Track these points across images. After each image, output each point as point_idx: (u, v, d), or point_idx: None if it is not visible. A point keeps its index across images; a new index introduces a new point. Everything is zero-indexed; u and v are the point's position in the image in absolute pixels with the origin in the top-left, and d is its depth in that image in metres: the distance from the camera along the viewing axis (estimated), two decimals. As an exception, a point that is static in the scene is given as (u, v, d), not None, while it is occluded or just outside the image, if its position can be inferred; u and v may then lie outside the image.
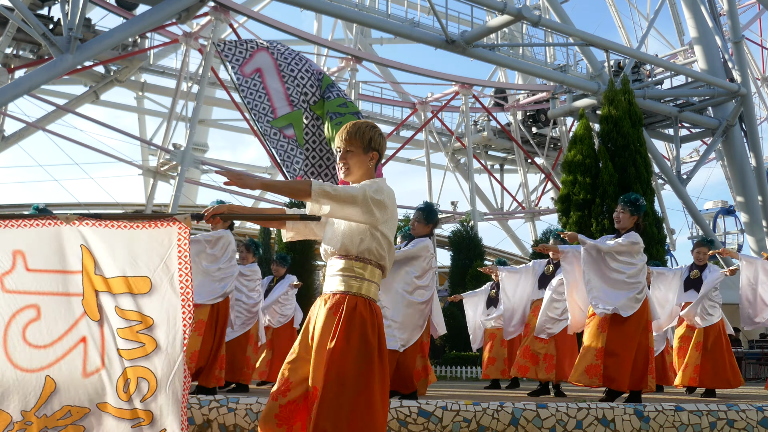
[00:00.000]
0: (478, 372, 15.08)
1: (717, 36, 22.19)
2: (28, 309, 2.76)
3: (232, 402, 4.00)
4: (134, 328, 2.76)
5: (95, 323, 2.77)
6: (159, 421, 2.75)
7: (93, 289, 2.77)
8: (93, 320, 2.77)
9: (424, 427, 3.91)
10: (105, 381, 2.76)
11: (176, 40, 19.17)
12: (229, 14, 17.68)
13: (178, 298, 2.77)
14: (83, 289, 2.77)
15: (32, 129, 19.32)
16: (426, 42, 17.56)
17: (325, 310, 2.71)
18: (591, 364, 5.72)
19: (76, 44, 13.48)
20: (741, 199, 22.17)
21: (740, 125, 22.41)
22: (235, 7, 17.39)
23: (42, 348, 2.76)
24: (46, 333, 2.76)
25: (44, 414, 2.73)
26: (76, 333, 2.77)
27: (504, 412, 3.95)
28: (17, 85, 13.96)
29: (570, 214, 15.53)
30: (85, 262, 2.76)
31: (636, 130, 15.78)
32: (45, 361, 2.75)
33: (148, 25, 14.98)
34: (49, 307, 2.76)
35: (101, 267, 2.77)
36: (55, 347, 2.76)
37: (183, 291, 2.78)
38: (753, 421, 4.01)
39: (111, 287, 2.77)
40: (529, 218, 27.66)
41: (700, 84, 21.94)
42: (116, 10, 16.79)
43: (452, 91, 24.70)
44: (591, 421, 3.95)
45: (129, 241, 2.77)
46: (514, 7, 17.12)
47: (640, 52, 21.55)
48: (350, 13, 17.30)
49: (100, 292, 2.77)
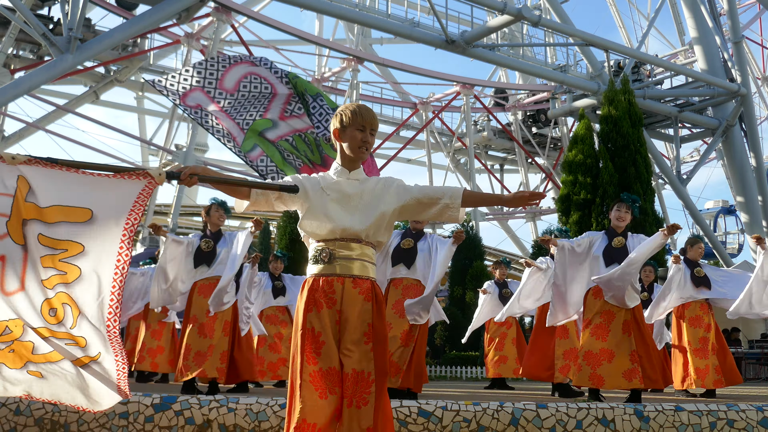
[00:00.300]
0: (479, 372, 15.09)
1: (717, 36, 22.19)
2: None
3: (232, 402, 4.00)
4: (58, 257, 2.72)
5: (18, 246, 2.72)
6: (92, 347, 2.76)
7: (20, 216, 2.71)
8: (16, 243, 2.72)
9: (424, 427, 3.91)
10: (27, 303, 2.75)
11: (178, 41, 19.19)
12: (231, 15, 17.70)
13: (117, 238, 2.72)
14: (11, 211, 2.70)
15: (32, 129, 19.32)
16: (426, 42, 17.57)
17: (356, 294, 2.71)
18: (629, 368, 5.75)
19: (76, 44, 13.49)
20: (741, 199, 22.17)
21: (740, 125, 22.41)
22: (235, 7, 17.40)
23: None
24: None
25: None
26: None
27: (504, 412, 3.95)
28: (17, 85, 13.97)
29: (570, 214, 15.54)
30: (19, 186, 2.69)
31: (636, 130, 15.78)
32: None
33: (148, 25, 14.99)
34: None
35: (37, 196, 2.71)
36: None
37: (124, 237, 2.71)
38: (753, 421, 4.01)
39: (44, 216, 2.71)
40: (529, 218, 27.68)
41: (700, 84, 21.95)
42: (116, 10, 16.81)
43: (453, 92, 24.73)
44: (591, 421, 3.95)
45: (82, 183, 2.71)
46: (514, 7, 17.13)
47: (640, 52, 21.55)
48: (350, 13, 17.31)
49: (27, 219, 2.71)
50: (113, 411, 3.95)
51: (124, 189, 2.71)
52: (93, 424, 3.94)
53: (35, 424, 3.95)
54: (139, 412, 3.95)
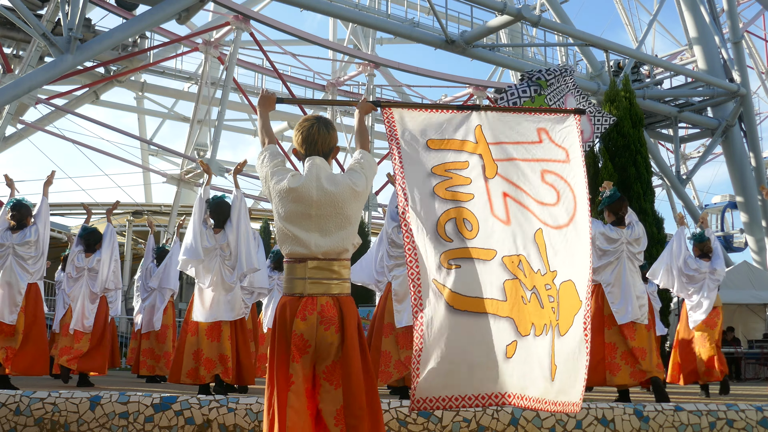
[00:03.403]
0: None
1: (716, 36, 22.19)
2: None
3: (232, 402, 4.00)
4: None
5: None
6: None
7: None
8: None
9: (424, 427, 3.91)
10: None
11: (196, 48, 19.22)
12: (249, 23, 17.72)
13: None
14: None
15: (32, 129, 19.30)
16: (426, 42, 17.55)
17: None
18: (659, 363, 6.14)
19: (76, 44, 13.48)
20: (741, 199, 22.15)
21: (740, 125, 22.40)
22: (238, 8, 17.39)
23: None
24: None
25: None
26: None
27: (504, 412, 3.95)
28: (17, 85, 13.95)
29: (570, 213, 15.52)
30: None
31: (636, 130, 15.75)
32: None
33: (148, 25, 14.97)
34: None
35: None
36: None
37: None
38: (753, 421, 4.01)
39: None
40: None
41: (700, 84, 21.94)
42: (116, 10, 16.77)
43: (466, 93, 24.73)
44: (591, 421, 3.95)
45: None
46: (514, 7, 17.12)
47: (639, 52, 21.54)
48: (350, 13, 17.30)
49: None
50: (113, 411, 3.95)
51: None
52: (93, 424, 3.94)
53: (35, 424, 3.95)
54: (139, 412, 3.95)
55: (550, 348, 2.87)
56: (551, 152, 3.17)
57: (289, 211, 2.78)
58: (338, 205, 2.78)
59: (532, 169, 3.13)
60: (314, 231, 2.77)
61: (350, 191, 2.80)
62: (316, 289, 2.76)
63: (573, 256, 2.98)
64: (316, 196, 2.77)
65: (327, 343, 2.72)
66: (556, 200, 3.08)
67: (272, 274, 8.31)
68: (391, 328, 6.18)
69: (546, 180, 3.12)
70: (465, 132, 3.17)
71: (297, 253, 2.78)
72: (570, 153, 3.15)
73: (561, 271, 2.96)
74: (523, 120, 3.23)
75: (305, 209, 2.77)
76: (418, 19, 18.23)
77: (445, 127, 3.17)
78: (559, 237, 3.02)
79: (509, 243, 3.00)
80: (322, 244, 2.76)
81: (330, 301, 2.75)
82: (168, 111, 24.64)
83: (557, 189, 3.10)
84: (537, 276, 2.96)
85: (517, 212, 3.06)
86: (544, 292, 2.94)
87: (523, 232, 3.03)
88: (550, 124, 3.22)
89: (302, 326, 2.72)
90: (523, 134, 3.20)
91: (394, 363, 6.10)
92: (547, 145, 3.18)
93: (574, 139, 3.19)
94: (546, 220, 3.05)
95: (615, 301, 6.00)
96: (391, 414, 3.93)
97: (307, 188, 2.78)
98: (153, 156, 24.71)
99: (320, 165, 2.84)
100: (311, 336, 2.72)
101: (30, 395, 4.04)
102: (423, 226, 2.96)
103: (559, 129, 3.21)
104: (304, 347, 2.72)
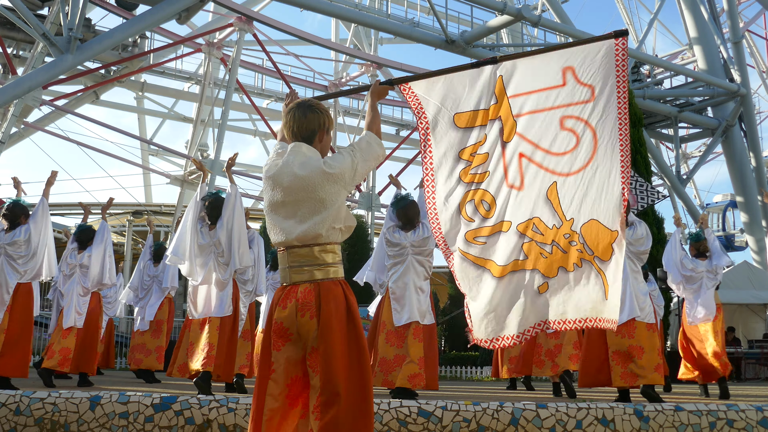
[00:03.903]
0: (479, 372, 15.09)
1: (716, 36, 22.18)
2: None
3: (232, 402, 4.00)
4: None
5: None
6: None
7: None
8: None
9: (424, 427, 3.91)
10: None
11: (199, 49, 19.22)
12: (253, 25, 17.72)
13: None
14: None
15: (32, 129, 19.29)
16: (426, 42, 17.55)
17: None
18: (659, 363, 6.08)
19: (76, 44, 13.48)
20: (741, 199, 22.16)
21: (740, 125, 22.40)
22: (238, 8, 17.39)
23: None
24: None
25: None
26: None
27: (504, 412, 3.95)
28: (17, 85, 13.95)
29: (570, 213, 15.51)
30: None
31: (636, 130, 15.76)
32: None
33: (148, 25, 14.99)
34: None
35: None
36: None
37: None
38: (753, 421, 4.01)
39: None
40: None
41: (700, 84, 21.94)
42: (116, 10, 16.77)
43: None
44: (591, 421, 3.95)
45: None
46: (514, 7, 17.12)
47: (639, 52, 21.54)
48: (350, 13, 17.30)
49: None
50: (113, 411, 3.95)
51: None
52: (93, 424, 3.94)
53: (35, 424, 3.95)
54: (139, 412, 3.94)
55: (598, 273, 3.05)
56: (574, 94, 3.14)
57: (269, 199, 2.79)
58: (309, 189, 2.71)
59: (551, 119, 3.16)
60: (291, 218, 2.74)
61: (321, 174, 2.71)
62: (299, 277, 2.73)
63: (590, 196, 3.07)
64: (287, 182, 2.73)
65: (306, 329, 2.68)
66: (575, 144, 3.12)
67: (269, 274, 8.30)
68: (384, 326, 6.22)
69: (565, 126, 3.14)
70: (487, 92, 3.21)
71: (278, 241, 2.78)
72: (596, 90, 3.11)
73: (578, 217, 3.09)
74: (549, 60, 3.20)
75: (282, 197, 2.75)
76: (418, 19, 18.23)
77: (468, 91, 3.21)
78: (575, 183, 3.11)
79: (522, 210, 3.15)
80: (296, 231, 2.72)
81: (309, 287, 2.71)
82: (168, 111, 24.61)
83: (576, 132, 3.13)
84: (553, 231, 3.11)
85: (532, 174, 3.16)
86: (564, 241, 3.10)
87: (537, 194, 3.15)
88: (580, 59, 3.15)
89: (282, 314, 2.71)
90: (546, 79, 3.18)
91: (379, 360, 6.10)
92: (571, 85, 3.15)
93: (607, 72, 3.11)
94: (561, 170, 3.12)
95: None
96: (391, 414, 3.93)
97: (279, 175, 2.76)
98: (153, 156, 24.69)
99: (296, 151, 2.80)
100: (291, 323, 2.69)
101: (30, 395, 4.04)
102: (445, 206, 3.19)
103: (590, 62, 3.13)
104: (285, 335, 2.70)
